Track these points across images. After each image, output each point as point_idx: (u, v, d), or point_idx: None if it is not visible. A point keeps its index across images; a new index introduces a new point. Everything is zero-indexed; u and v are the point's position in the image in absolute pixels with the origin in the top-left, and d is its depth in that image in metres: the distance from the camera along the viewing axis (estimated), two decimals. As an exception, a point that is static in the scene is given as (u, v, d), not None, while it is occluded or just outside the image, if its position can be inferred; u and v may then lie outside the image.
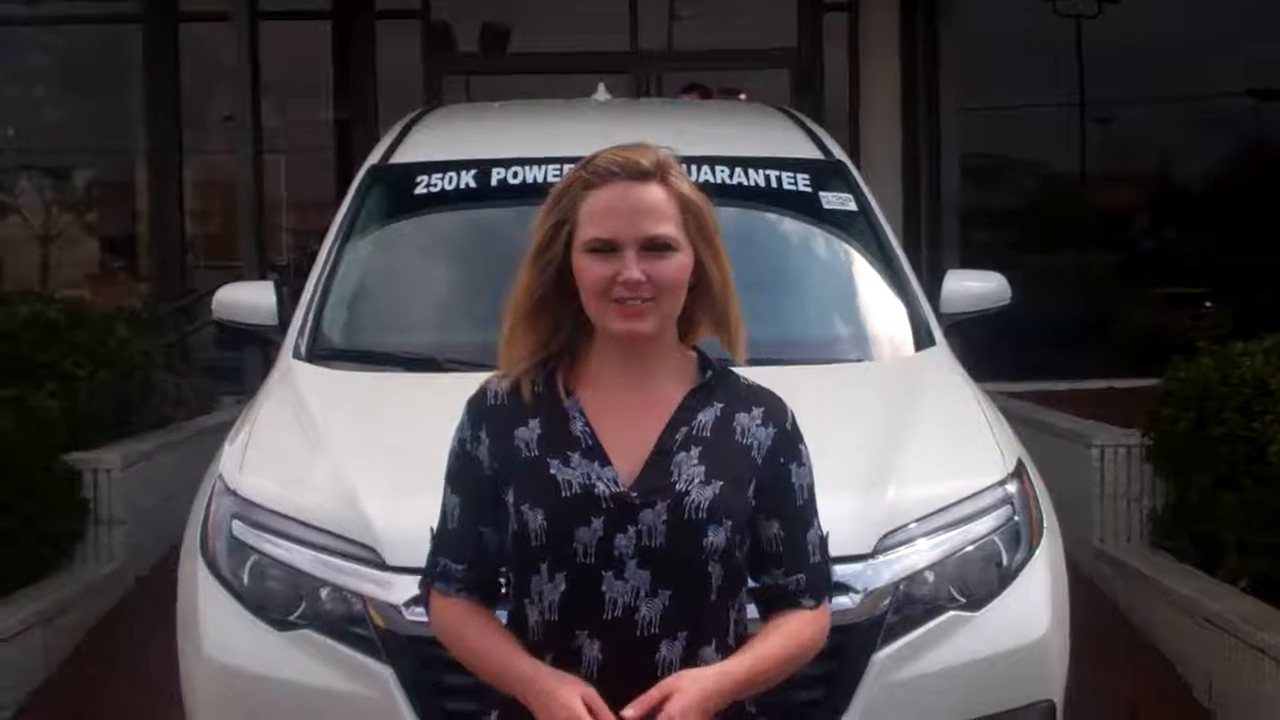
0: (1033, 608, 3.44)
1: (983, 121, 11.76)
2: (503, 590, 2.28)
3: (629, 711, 2.04)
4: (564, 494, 2.13)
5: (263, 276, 9.06)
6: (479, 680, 2.31)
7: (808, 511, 2.27)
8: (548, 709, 2.08)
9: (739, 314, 2.24)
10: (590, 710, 2.05)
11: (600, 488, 2.13)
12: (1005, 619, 3.38)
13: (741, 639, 2.21)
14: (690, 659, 2.13)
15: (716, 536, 2.13)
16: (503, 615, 2.27)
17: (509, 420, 2.21)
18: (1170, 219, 13.40)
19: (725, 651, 2.17)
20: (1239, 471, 5.18)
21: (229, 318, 4.74)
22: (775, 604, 2.26)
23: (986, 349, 6.66)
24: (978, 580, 3.38)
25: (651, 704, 2.05)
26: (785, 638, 2.21)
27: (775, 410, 2.26)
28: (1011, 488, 3.55)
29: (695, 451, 2.17)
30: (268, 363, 4.77)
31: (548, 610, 2.14)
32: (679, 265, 2.16)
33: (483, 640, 2.21)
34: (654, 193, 2.16)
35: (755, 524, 2.22)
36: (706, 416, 2.21)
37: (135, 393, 7.27)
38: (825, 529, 2.31)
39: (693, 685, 2.08)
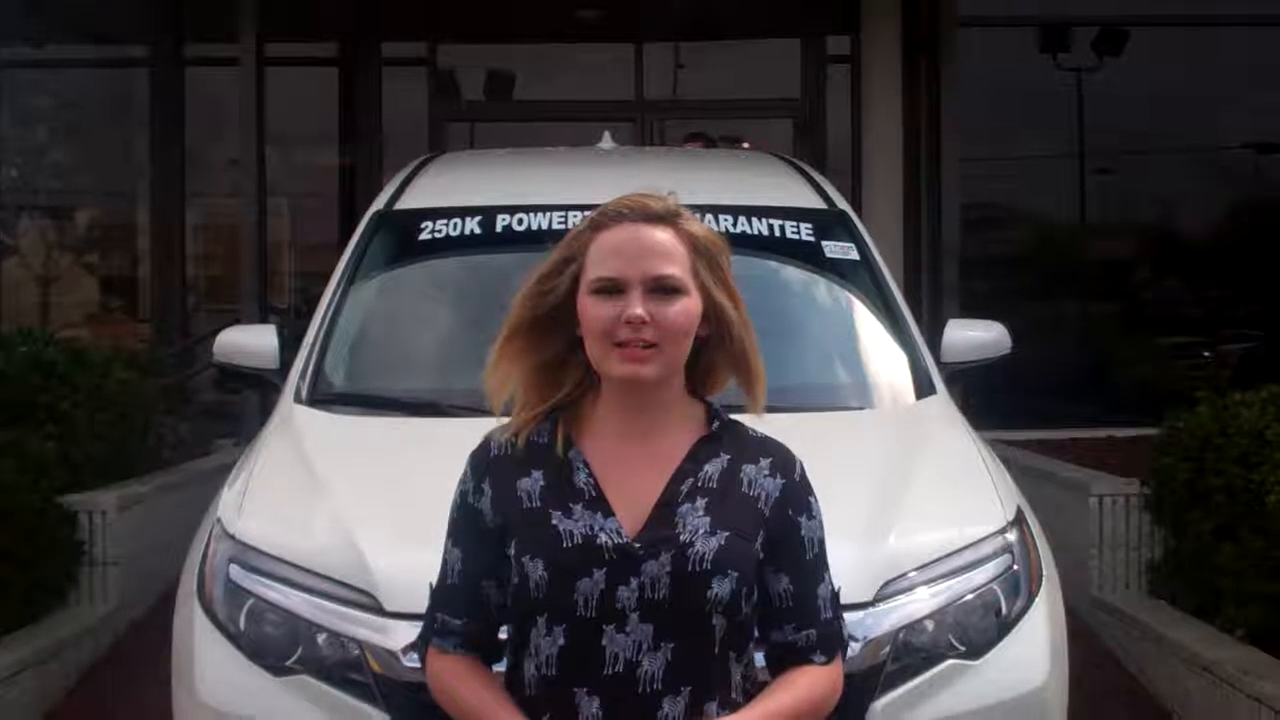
0: (1032, 656, 3.43)
1: (984, 171, 11.83)
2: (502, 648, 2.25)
3: None
4: (565, 544, 2.10)
5: (264, 320, 9.08)
6: None
7: (818, 565, 2.23)
8: None
9: (759, 362, 2.21)
10: None
11: (603, 538, 2.10)
12: (1004, 668, 3.36)
13: (750, 695, 2.18)
14: (693, 716, 2.09)
15: (721, 588, 2.09)
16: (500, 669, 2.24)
17: (511, 471, 2.19)
18: (1170, 269, 13.45)
19: (730, 707, 2.13)
20: (1237, 521, 5.18)
21: (230, 361, 4.74)
22: (786, 660, 2.21)
23: (987, 397, 6.66)
24: (977, 629, 3.36)
25: None
26: (795, 694, 2.17)
27: (784, 461, 2.23)
28: (1011, 536, 3.55)
29: (701, 503, 2.14)
30: (267, 407, 4.77)
31: (545, 665, 2.11)
32: (685, 309, 2.13)
33: (476, 699, 2.17)
34: (663, 234, 2.15)
35: (764, 578, 2.18)
36: (713, 468, 2.18)
37: (134, 435, 7.26)
38: (837, 584, 2.28)
39: None
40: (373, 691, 3.17)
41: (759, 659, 2.25)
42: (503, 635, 2.25)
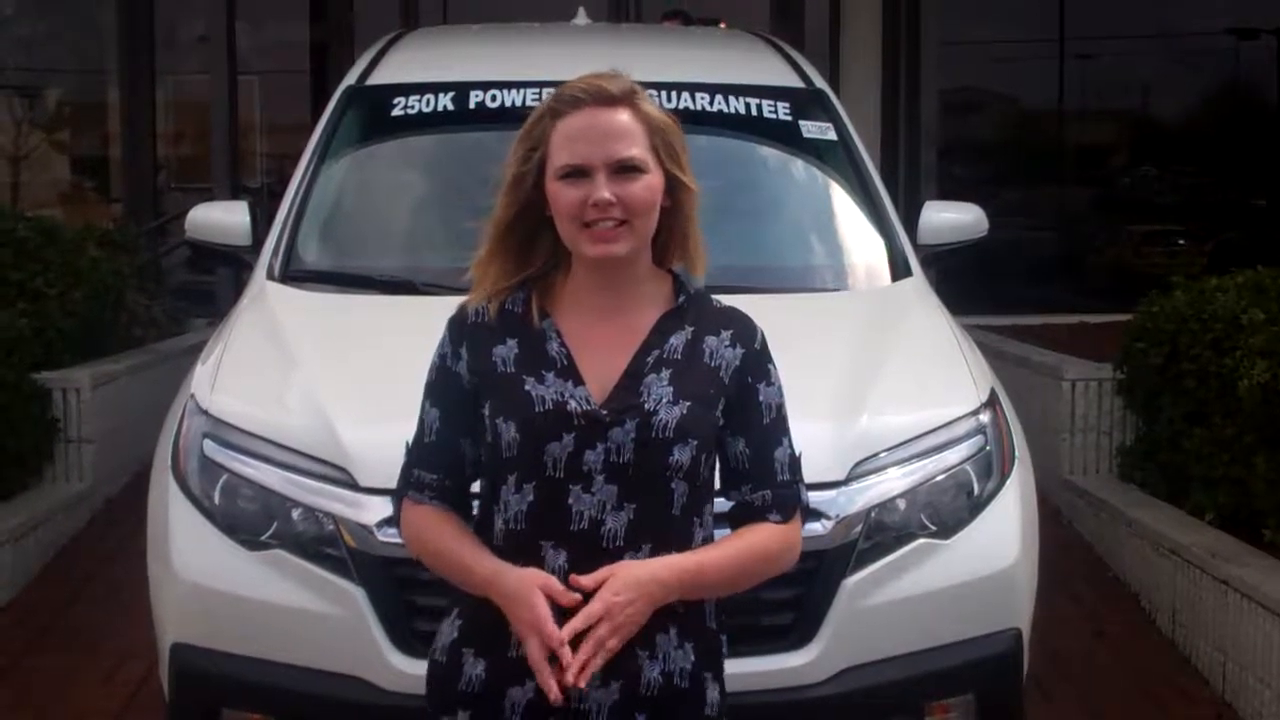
0: (1002, 537, 3.46)
1: (963, 56, 11.73)
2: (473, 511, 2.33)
3: (584, 579, 2.12)
4: (537, 409, 2.19)
5: (235, 198, 8.98)
6: (450, 600, 2.33)
7: (776, 430, 2.31)
8: (513, 611, 2.15)
9: (699, 235, 2.30)
10: (550, 596, 2.12)
11: (573, 405, 2.19)
12: (975, 547, 3.39)
13: None
14: None
15: (682, 455, 2.19)
16: None
17: (488, 338, 2.27)
18: (1147, 156, 13.43)
19: None
20: (1209, 406, 5.22)
21: (202, 237, 4.69)
22: (744, 520, 2.30)
23: (962, 282, 6.67)
24: (949, 509, 3.39)
25: (599, 581, 2.12)
26: (742, 545, 2.26)
27: (744, 331, 2.31)
28: (985, 417, 3.56)
29: (666, 374, 2.22)
30: (241, 285, 4.73)
31: (514, 520, 2.20)
32: (648, 186, 2.21)
33: (449, 542, 2.26)
34: (622, 117, 2.22)
35: (723, 442, 2.27)
36: (678, 340, 2.26)
37: (106, 313, 7.23)
38: (798, 450, 2.33)
39: (636, 567, 2.15)
40: (347, 566, 3.19)
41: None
42: (474, 489, 2.33)
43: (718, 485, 2.31)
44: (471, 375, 2.27)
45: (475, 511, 2.31)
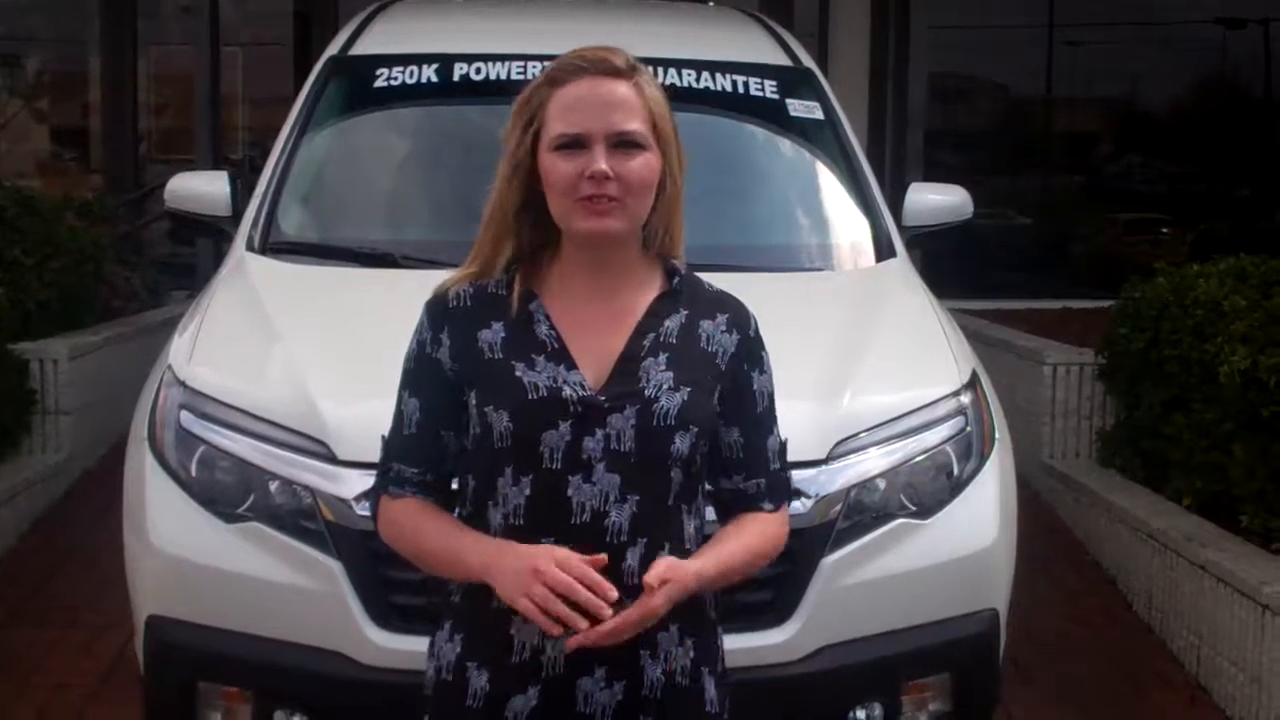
0: (981, 517, 3.45)
1: (952, 41, 11.71)
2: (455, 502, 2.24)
3: (649, 577, 2.01)
4: (530, 396, 2.09)
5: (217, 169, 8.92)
6: (435, 605, 2.27)
7: (768, 418, 2.26)
8: (520, 576, 2.01)
9: (681, 220, 2.22)
10: (566, 567, 1.99)
11: (567, 391, 2.09)
12: (954, 528, 3.38)
13: (701, 543, 2.20)
14: (648, 564, 2.09)
15: (682, 443, 2.11)
16: None
17: (471, 322, 2.16)
18: (1133, 145, 13.45)
19: (681, 555, 2.14)
20: (1189, 392, 5.22)
21: (181, 208, 4.64)
22: (735, 508, 2.25)
23: (946, 267, 6.67)
24: (929, 489, 3.38)
25: (662, 580, 2.02)
26: (749, 535, 2.21)
27: (739, 317, 2.24)
28: (965, 398, 3.55)
29: (663, 358, 2.14)
30: (221, 257, 4.69)
31: (513, 514, 2.11)
32: (647, 164, 2.10)
33: (439, 531, 2.17)
34: (624, 89, 2.11)
35: (716, 430, 2.21)
36: (673, 323, 2.18)
37: (85, 284, 7.18)
38: (784, 435, 2.30)
39: (688, 566, 2.07)
40: (325, 539, 3.16)
41: (709, 513, 2.27)
42: (454, 486, 2.24)
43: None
44: (454, 362, 2.16)
45: (466, 508, 2.20)
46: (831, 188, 4.63)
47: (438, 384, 2.18)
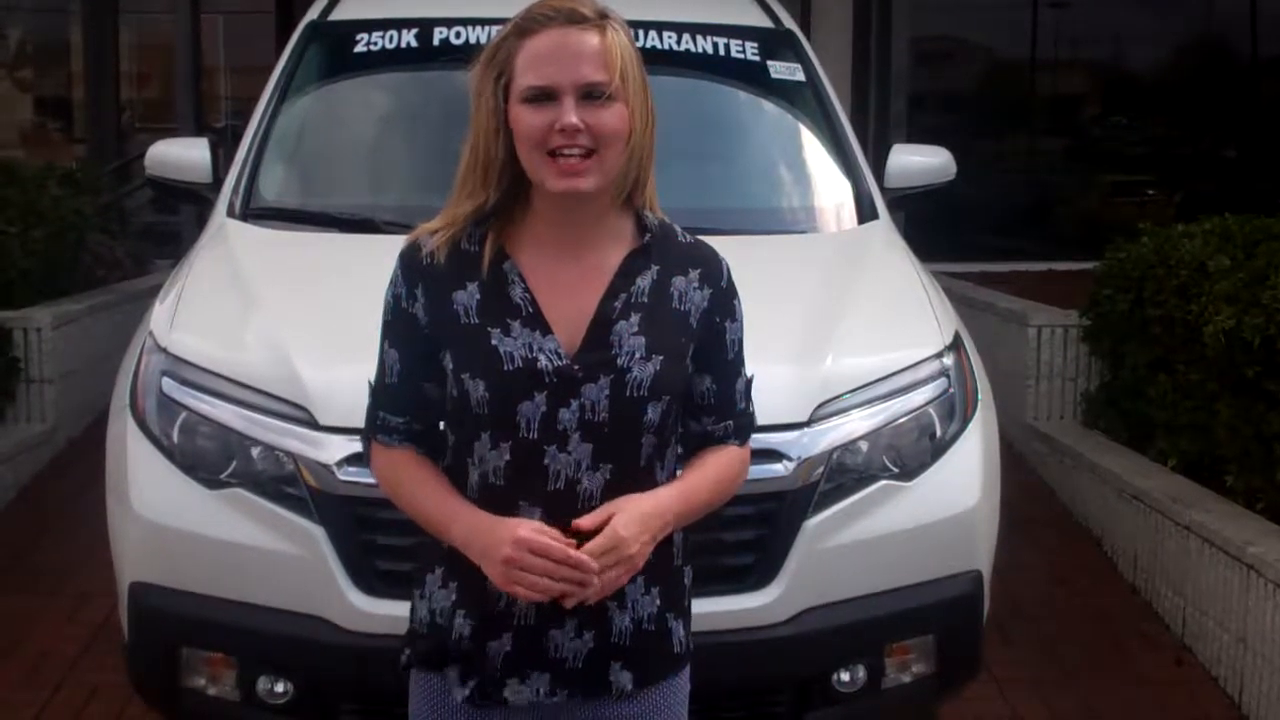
0: (964, 479, 3.46)
1: (935, 3, 11.66)
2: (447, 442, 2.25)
3: (584, 521, 2.06)
4: (506, 367, 2.09)
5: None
6: (410, 541, 2.29)
7: (738, 362, 2.29)
8: (496, 546, 2.05)
9: (652, 169, 2.19)
10: (545, 553, 2.04)
11: (543, 361, 2.09)
12: (936, 490, 3.39)
13: None
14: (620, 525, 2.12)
15: (654, 412, 2.13)
16: None
17: (445, 281, 2.14)
18: (1118, 106, 13.42)
19: None
20: (1174, 353, 5.23)
21: (162, 175, 4.62)
22: (702, 447, 2.29)
23: (929, 229, 6.66)
24: (911, 451, 3.38)
25: (599, 521, 2.06)
26: (712, 471, 2.25)
27: (711, 270, 2.23)
28: (948, 360, 3.55)
29: (635, 319, 2.14)
30: (202, 224, 4.67)
31: (491, 475, 2.13)
32: (619, 115, 2.07)
33: (423, 489, 2.19)
34: (593, 38, 2.07)
35: (689, 380, 2.22)
36: (644, 281, 2.17)
37: (68, 253, 7.15)
38: (750, 373, 2.32)
39: (639, 501, 2.11)
40: (307, 505, 3.16)
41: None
42: (444, 426, 2.25)
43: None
44: (430, 320, 2.15)
45: (447, 459, 2.22)
46: (813, 150, 4.62)
47: (415, 339, 2.18)
